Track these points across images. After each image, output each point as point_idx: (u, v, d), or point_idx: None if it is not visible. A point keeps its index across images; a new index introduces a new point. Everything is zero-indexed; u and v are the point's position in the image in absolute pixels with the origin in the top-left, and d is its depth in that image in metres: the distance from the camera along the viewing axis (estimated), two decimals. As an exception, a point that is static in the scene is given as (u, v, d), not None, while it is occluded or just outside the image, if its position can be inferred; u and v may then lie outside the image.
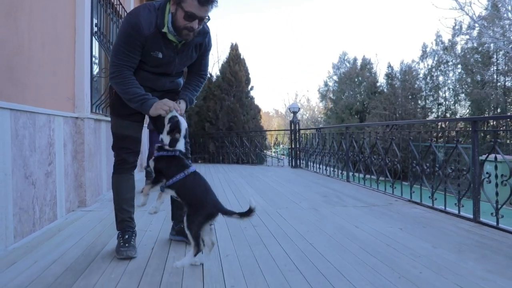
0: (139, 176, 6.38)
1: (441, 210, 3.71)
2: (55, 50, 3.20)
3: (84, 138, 3.67)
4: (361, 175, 5.76)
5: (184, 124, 2.12)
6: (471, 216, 3.30)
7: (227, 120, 11.34)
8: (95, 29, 4.10)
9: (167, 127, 2.06)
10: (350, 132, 6.40)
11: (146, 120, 3.63)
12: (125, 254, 2.19)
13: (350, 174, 6.17)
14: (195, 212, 1.95)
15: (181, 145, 2.10)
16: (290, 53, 72.91)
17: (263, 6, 69.82)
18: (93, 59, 4.50)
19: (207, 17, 2.07)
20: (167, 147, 2.05)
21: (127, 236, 2.31)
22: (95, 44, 4.34)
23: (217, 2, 2.02)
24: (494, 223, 3.05)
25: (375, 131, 5.61)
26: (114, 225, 2.90)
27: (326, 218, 3.38)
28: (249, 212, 1.93)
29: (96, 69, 4.63)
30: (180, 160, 2.07)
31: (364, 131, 6.09)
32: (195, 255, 1.93)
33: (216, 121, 11.33)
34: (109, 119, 4.68)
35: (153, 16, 2.06)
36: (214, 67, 31.94)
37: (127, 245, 2.24)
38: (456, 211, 3.52)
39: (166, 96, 2.29)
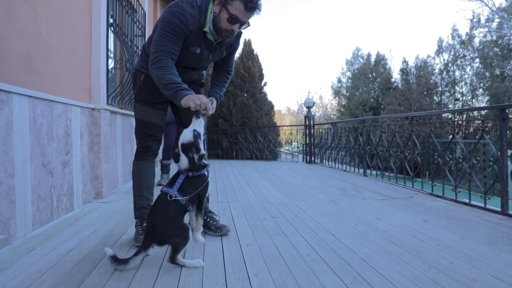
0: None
1: (465, 203, 3.59)
2: (72, 40, 3.17)
3: (101, 129, 3.65)
4: (377, 173, 5.65)
5: (184, 136, 1.93)
6: (498, 209, 3.18)
7: (240, 116, 11.28)
8: (111, 20, 4.07)
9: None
10: (366, 126, 6.27)
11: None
12: None
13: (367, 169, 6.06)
14: None
15: (182, 162, 1.91)
16: (301, 50, 72.59)
17: (275, 3, 69.60)
18: (109, 52, 4.49)
19: (247, 23, 2.11)
20: None
21: (145, 224, 2.26)
22: (111, 36, 4.31)
23: (260, 10, 2.06)
24: (524, 216, 2.93)
25: (393, 124, 5.47)
26: (131, 216, 2.87)
27: (345, 210, 3.29)
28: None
29: (111, 62, 4.61)
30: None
31: (381, 124, 5.96)
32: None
33: (230, 117, 11.28)
34: (124, 112, 4.69)
35: (196, 13, 2.09)
36: (226, 65, 31.78)
37: None
38: (481, 204, 3.40)
39: (191, 86, 2.33)
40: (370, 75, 21.69)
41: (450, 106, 18.14)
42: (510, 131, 12.50)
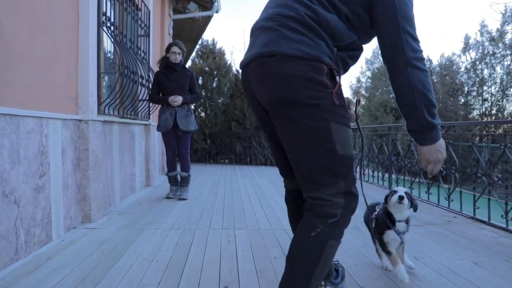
0: (161, 179, 5.92)
1: (519, 234, 2.98)
2: (50, 41, 2.71)
3: (89, 143, 3.18)
4: (404, 178, 5.05)
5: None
6: None
7: (254, 119, 10.75)
8: (103, 18, 3.60)
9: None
10: (392, 133, 5.65)
11: (156, 120, 3.00)
12: None
13: (394, 180, 5.45)
14: None
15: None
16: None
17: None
18: (104, 53, 4.04)
19: None
20: None
21: None
22: (106, 35, 3.85)
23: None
24: None
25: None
26: (116, 251, 2.45)
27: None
28: None
29: (113, 65, 4.15)
30: None
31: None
32: None
33: (243, 120, 10.76)
34: (123, 120, 4.23)
35: None
36: (242, 64, 31.57)
37: None
38: (542, 237, 2.78)
39: None
40: (391, 74, 20.84)
41: (477, 107, 17.19)
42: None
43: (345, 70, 1.44)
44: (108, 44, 4.18)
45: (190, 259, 2.34)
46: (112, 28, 3.78)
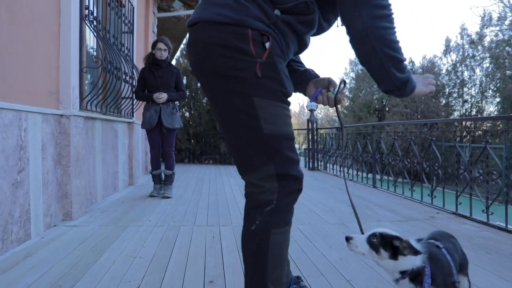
0: (144, 178, 5.84)
1: (499, 228, 3.03)
2: (30, 33, 2.63)
3: (70, 139, 3.11)
4: (388, 178, 5.10)
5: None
6: (545, 238, 2.62)
7: (240, 118, 10.73)
8: (86, 12, 3.53)
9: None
10: (377, 132, 5.71)
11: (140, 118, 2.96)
12: None
13: (378, 178, 5.50)
14: None
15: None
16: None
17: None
18: (86, 48, 3.95)
19: None
20: None
21: None
22: (89, 30, 3.77)
23: None
24: None
25: (407, 130, 4.91)
26: (97, 248, 2.40)
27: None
28: None
29: (96, 60, 4.06)
30: None
31: (394, 131, 5.39)
32: None
33: (229, 119, 10.74)
34: (106, 117, 4.15)
35: None
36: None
37: None
38: (522, 231, 2.84)
39: None
40: (374, 76, 21.12)
41: (457, 108, 17.55)
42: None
43: (301, 41, 1.26)
44: (91, 40, 4.09)
45: (175, 255, 2.30)
46: (95, 22, 3.71)
